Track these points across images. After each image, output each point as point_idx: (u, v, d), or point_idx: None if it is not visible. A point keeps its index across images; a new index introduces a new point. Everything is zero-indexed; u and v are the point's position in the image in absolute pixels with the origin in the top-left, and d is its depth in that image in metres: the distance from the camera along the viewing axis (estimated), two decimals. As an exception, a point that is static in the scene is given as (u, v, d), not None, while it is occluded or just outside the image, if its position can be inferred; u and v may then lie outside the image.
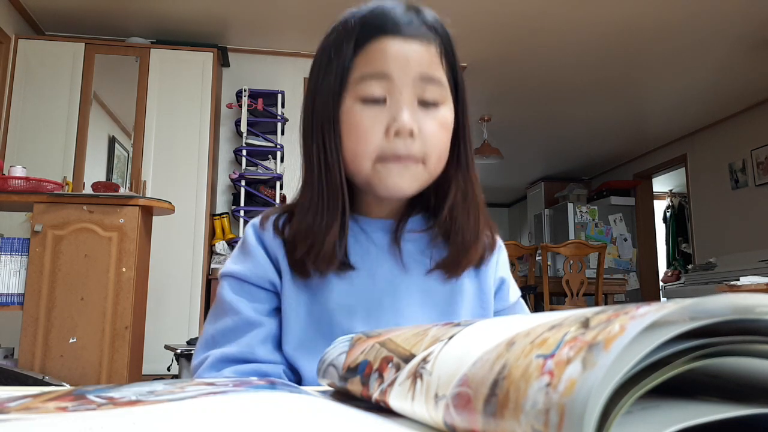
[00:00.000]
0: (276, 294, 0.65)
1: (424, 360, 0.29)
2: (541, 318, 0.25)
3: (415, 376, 0.29)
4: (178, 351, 2.53)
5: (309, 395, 0.35)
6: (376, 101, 0.60)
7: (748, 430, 0.21)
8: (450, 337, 0.29)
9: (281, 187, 3.93)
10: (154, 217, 2.63)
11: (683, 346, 0.20)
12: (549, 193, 7.56)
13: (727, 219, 5.43)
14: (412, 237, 0.67)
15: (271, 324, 0.64)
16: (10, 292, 2.26)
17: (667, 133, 5.96)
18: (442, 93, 0.62)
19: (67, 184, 3.24)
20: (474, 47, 4.15)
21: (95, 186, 2.75)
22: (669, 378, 0.20)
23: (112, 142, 3.94)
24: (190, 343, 2.72)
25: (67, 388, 0.34)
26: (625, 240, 6.76)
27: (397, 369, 0.31)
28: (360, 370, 0.36)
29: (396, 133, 0.59)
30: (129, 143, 3.86)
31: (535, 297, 4.26)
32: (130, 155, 3.82)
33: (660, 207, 7.34)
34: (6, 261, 2.26)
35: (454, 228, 0.65)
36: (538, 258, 4.45)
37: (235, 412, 0.28)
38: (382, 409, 0.33)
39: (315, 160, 0.63)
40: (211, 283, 3.74)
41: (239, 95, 3.99)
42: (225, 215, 3.97)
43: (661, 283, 6.50)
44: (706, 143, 5.73)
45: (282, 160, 3.98)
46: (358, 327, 0.62)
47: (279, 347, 0.64)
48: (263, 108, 3.97)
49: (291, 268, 0.64)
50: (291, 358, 0.63)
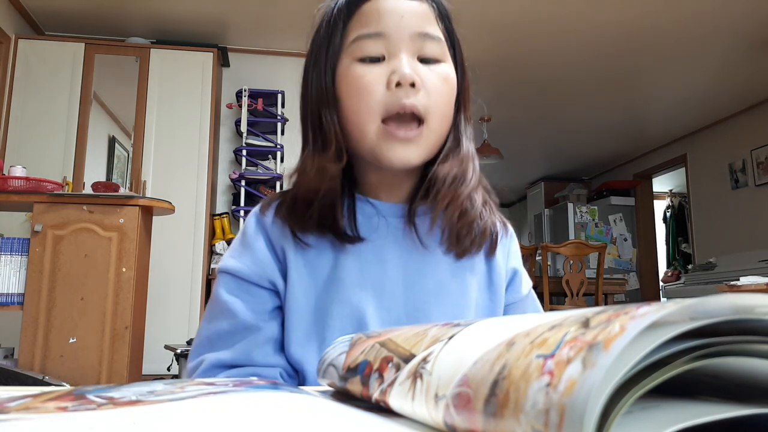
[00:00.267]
0: (276, 293, 0.61)
1: (424, 360, 0.29)
2: (541, 318, 0.25)
3: (415, 376, 0.29)
4: (178, 351, 2.53)
5: (309, 395, 0.35)
6: (375, 60, 0.59)
7: (748, 430, 0.21)
8: (450, 337, 0.29)
9: (281, 187, 3.93)
10: (154, 217, 2.63)
11: (683, 346, 0.20)
12: (549, 193, 7.56)
13: (727, 219, 5.43)
14: (422, 220, 0.64)
15: (268, 326, 0.60)
16: (10, 292, 2.26)
17: (667, 133, 5.96)
18: (442, 49, 0.61)
19: (67, 184, 3.25)
20: (474, 47, 4.12)
21: (95, 186, 2.75)
22: (669, 378, 0.20)
23: (112, 142, 3.94)
24: (190, 343, 2.72)
25: (67, 388, 0.34)
26: (625, 240, 6.76)
27: (397, 369, 0.31)
28: (360, 370, 0.36)
29: (397, 84, 0.57)
30: (129, 143, 3.86)
31: (535, 297, 4.25)
32: (130, 155, 3.82)
33: (660, 207, 7.34)
34: (6, 261, 2.26)
35: (454, 199, 0.62)
36: (538, 258, 4.45)
37: (236, 412, 0.28)
38: (382, 409, 0.33)
39: (317, 129, 0.61)
40: (211, 283, 3.74)
41: (239, 95, 3.99)
42: (225, 215, 3.97)
43: (661, 283, 6.50)
44: (706, 143, 5.73)
45: (282, 160, 3.98)
46: (371, 310, 0.60)
47: (277, 351, 0.61)
48: (263, 108, 3.97)
49: (296, 243, 0.61)
50: (296, 357, 0.60)
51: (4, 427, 0.24)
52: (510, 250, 0.71)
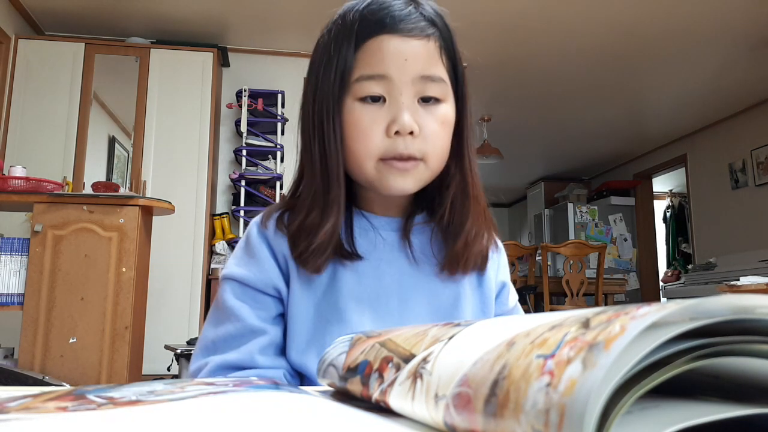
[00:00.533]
0: (280, 300, 0.63)
1: (425, 360, 0.29)
2: (541, 318, 0.25)
3: (415, 376, 0.29)
4: (178, 351, 2.53)
5: (309, 395, 0.35)
6: (376, 99, 0.60)
7: (748, 430, 0.21)
8: (450, 338, 0.29)
9: (281, 187, 3.93)
10: (154, 217, 2.63)
11: (683, 346, 0.20)
12: (549, 193, 7.55)
13: (727, 219, 5.43)
14: (417, 235, 0.67)
15: (273, 331, 0.62)
16: (10, 292, 2.26)
17: (667, 133, 5.96)
18: (443, 90, 0.62)
19: (67, 184, 3.24)
20: (474, 47, 4.15)
21: (95, 186, 2.75)
22: (669, 378, 0.20)
23: (112, 142, 3.94)
24: (190, 343, 2.72)
25: (67, 388, 0.34)
26: (625, 240, 6.76)
27: (397, 369, 0.31)
28: (360, 370, 0.36)
29: (396, 133, 0.59)
30: (129, 143, 3.86)
31: (535, 297, 4.26)
32: (130, 155, 3.82)
33: (660, 207, 7.34)
34: (6, 261, 2.26)
35: (455, 223, 0.65)
36: (538, 258, 4.45)
37: (236, 412, 0.28)
38: (382, 409, 0.33)
39: (317, 157, 0.62)
40: (211, 283, 3.74)
41: (239, 95, 3.99)
42: (225, 215, 3.97)
43: (661, 283, 6.50)
44: (706, 143, 5.73)
45: (282, 160, 3.98)
46: (366, 321, 0.62)
47: (280, 354, 0.62)
48: (263, 108, 3.97)
49: (296, 263, 0.63)
50: (297, 362, 0.61)
51: (4, 427, 0.24)
52: (499, 264, 0.73)
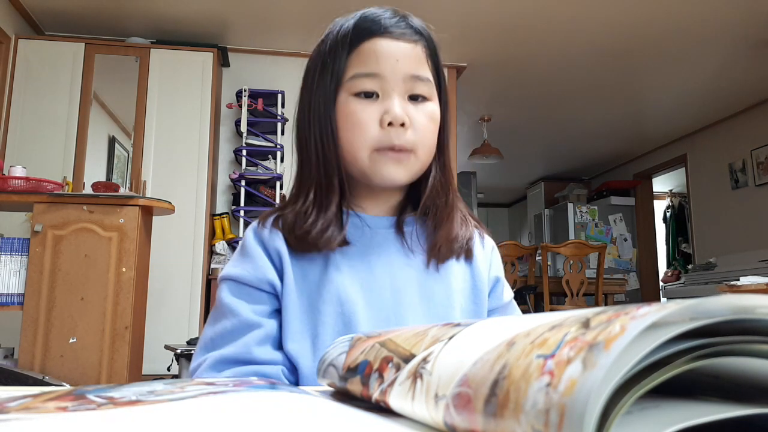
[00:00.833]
0: (275, 296, 0.66)
1: (425, 360, 0.29)
2: (541, 318, 0.25)
3: (415, 376, 0.29)
4: (178, 351, 2.53)
5: (309, 395, 0.35)
6: (369, 95, 0.66)
7: (748, 430, 0.21)
8: (450, 338, 0.29)
9: (281, 187, 3.93)
10: (154, 217, 2.63)
11: (683, 346, 0.20)
12: (549, 193, 7.55)
13: (727, 219, 5.43)
14: (408, 230, 0.71)
15: (269, 325, 0.64)
16: (10, 292, 2.26)
17: (667, 133, 5.96)
18: (430, 90, 0.68)
19: (67, 184, 3.24)
20: (474, 47, 4.15)
21: (95, 186, 2.75)
22: (669, 378, 0.20)
23: (112, 142, 3.94)
24: (190, 343, 2.72)
25: (67, 388, 0.34)
26: (625, 240, 6.76)
27: (397, 369, 0.31)
28: (360, 370, 0.36)
29: (389, 124, 0.64)
30: (129, 143, 3.86)
31: (535, 297, 4.26)
32: (130, 155, 3.82)
33: (660, 207, 7.34)
34: (6, 261, 2.26)
35: (438, 215, 0.70)
36: (538, 258, 4.45)
37: (235, 412, 0.28)
38: (382, 409, 0.33)
39: (313, 152, 0.67)
40: (211, 283, 3.74)
41: (239, 95, 3.99)
42: (225, 215, 3.97)
43: (661, 283, 6.50)
44: (706, 143, 5.73)
45: (282, 160, 3.98)
46: (360, 312, 0.65)
47: (278, 348, 0.64)
48: (263, 108, 3.97)
49: (294, 252, 0.66)
50: (292, 352, 0.63)
51: (4, 427, 0.24)
52: (492, 261, 0.77)
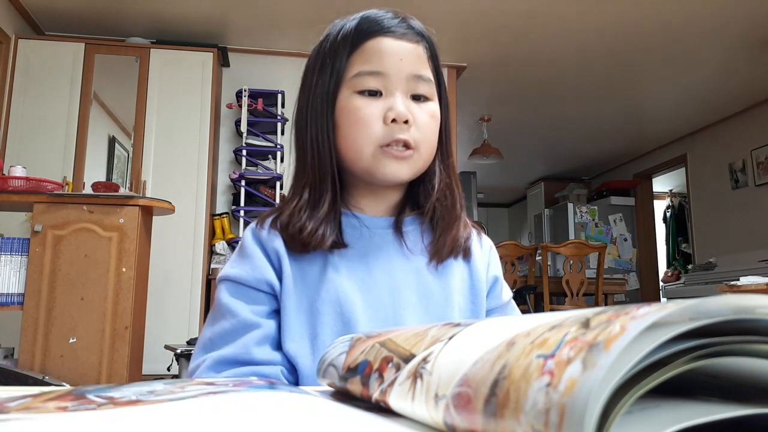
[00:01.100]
0: (274, 296, 0.66)
1: (425, 360, 0.29)
2: (541, 318, 0.25)
3: (415, 376, 0.29)
4: (178, 351, 2.53)
5: (309, 395, 0.35)
6: (373, 94, 0.66)
7: (748, 430, 0.21)
8: (450, 338, 0.29)
9: (281, 187, 3.93)
10: (154, 217, 2.63)
11: (683, 346, 0.20)
12: (549, 193, 7.55)
13: (727, 219, 5.43)
14: (408, 229, 0.71)
15: (268, 325, 0.64)
16: (10, 292, 2.26)
17: (667, 133, 5.96)
18: (431, 89, 0.69)
19: (67, 184, 3.24)
20: (474, 47, 4.15)
21: (95, 186, 2.75)
22: (669, 378, 0.20)
23: (112, 142, 3.94)
24: (190, 343, 2.72)
25: (67, 388, 0.34)
26: (625, 240, 6.76)
27: (397, 369, 0.31)
28: (360, 370, 0.36)
29: (393, 121, 0.65)
30: (129, 143, 3.86)
31: (535, 297, 4.26)
32: (130, 155, 3.82)
33: (660, 207, 7.34)
34: (6, 261, 2.26)
35: (444, 216, 0.71)
36: (538, 258, 4.45)
37: (235, 412, 0.28)
38: (382, 409, 0.33)
39: (309, 151, 0.68)
40: (211, 283, 3.74)
41: (239, 95, 3.99)
42: (225, 215, 3.97)
43: (661, 283, 6.50)
44: (706, 143, 5.73)
45: (282, 160, 3.98)
46: (359, 311, 0.65)
47: (277, 348, 0.64)
48: (263, 108, 3.97)
49: (292, 252, 0.66)
50: (291, 352, 0.63)
51: (4, 427, 0.24)
52: (490, 261, 0.78)
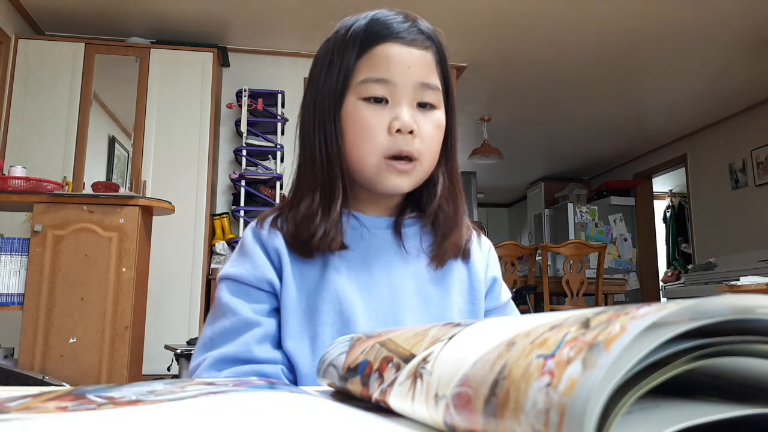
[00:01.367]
0: (274, 295, 0.66)
1: (425, 360, 0.29)
2: (541, 318, 0.25)
3: (415, 376, 0.29)
4: (178, 351, 2.53)
5: (309, 395, 0.35)
6: (378, 101, 0.65)
7: (748, 430, 0.21)
8: (450, 338, 0.29)
9: (281, 187, 3.93)
10: (154, 217, 2.63)
11: (683, 346, 0.20)
12: (549, 193, 7.55)
13: (727, 219, 5.43)
14: (407, 231, 0.72)
15: (269, 323, 0.64)
16: (10, 292, 2.26)
17: (667, 133, 5.96)
18: (438, 97, 0.68)
19: (67, 184, 3.24)
20: (474, 47, 4.15)
21: (95, 186, 2.75)
22: (669, 378, 0.20)
23: (112, 142, 3.94)
24: (190, 343, 2.72)
25: (67, 388, 0.34)
26: (625, 240, 6.76)
27: (397, 369, 0.31)
28: (360, 370, 0.36)
29: (398, 131, 0.64)
30: (129, 143, 3.86)
31: (535, 297, 4.26)
32: (130, 155, 3.82)
33: (660, 207, 7.33)
34: (6, 261, 2.26)
35: (441, 218, 0.71)
36: (538, 258, 4.45)
37: (235, 412, 0.28)
38: (382, 409, 0.33)
39: (317, 155, 0.67)
40: (211, 283, 3.74)
41: (239, 95, 3.99)
42: (225, 215, 3.97)
43: (661, 283, 6.50)
44: (706, 143, 5.73)
45: (282, 160, 3.98)
46: (358, 311, 0.65)
47: (277, 346, 0.64)
48: (263, 108, 3.97)
49: (293, 253, 0.66)
50: (291, 351, 0.63)
51: (4, 427, 0.24)
52: (489, 261, 0.78)
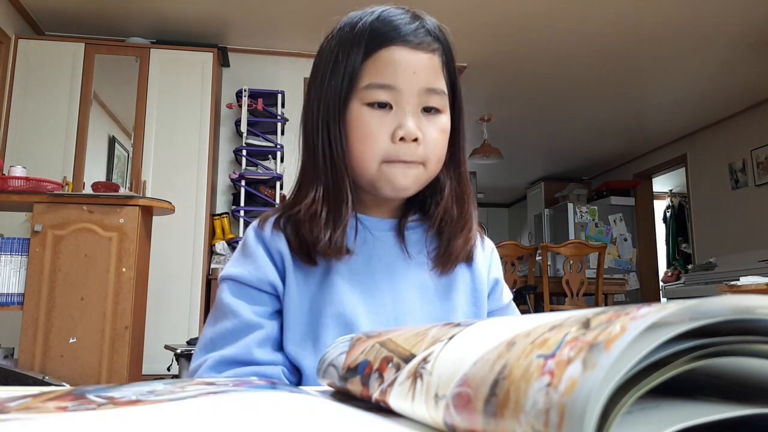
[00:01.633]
0: (276, 297, 0.65)
1: (425, 360, 0.29)
2: (541, 318, 0.25)
3: (416, 376, 0.29)
4: (178, 351, 2.53)
5: (309, 395, 0.35)
6: (382, 106, 0.64)
7: (748, 430, 0.21)
8: (450, 338, 0.29)
9: (281, 187, 3.93)
10: (154, 217, 2.63)
11: (683, 346, 0.20)
12: (549, 193, 7.55)
13: (727, 219, 5.43)
14: (411, 233, 0.71)
15: (270, 326, 0.64)
16: (10, 292, 2.26)
17: (667, 133, 5.96)
18: (443, 102, 0.66)
19: (67, 184, 3.24)
20: (474, 47, 4.15)
21: (95, 186, 2.75)
22: (669, 378, 0.20)
23: (112, 142, 3.94)
24: (190, 343, 2.72)
25: (67, 388, 0.34)
26: (625, 240, 6.76)
27: (397, 369, 0.31)
28: (360, 370, 0.36)
29: (401, 139, 0.63)
30: (129, 143, 3.86)
31: (535, 297, 4.25)
32: (130, 155, 3.82)
33: (660, 207, 7.34)
34: (6, 261, 2.26)
35: (451, 224, 0.69)
36: (538, 258, 4.45)
37: (235, 412, 0.28)
38: (382, 409, 0.33)
39: (320, 157, 0.65)
40: (211, 283, 3.74)
41: (239, 95, 3.99)
42: (225, 215, 3.97)
43: (661, 283, 6.50)
44: (706, 143, 5.73)
45: (282, 160, 3.98)
46: (360, 314, 0.64)
47: (278, 349, 0.64)
48: (263, 108, 3.97)
49: (296, 257, 0.65)
50: (293, 354, 0.63)
51: (4, 427, 0.24)
52: (491, 263, 0.77)
